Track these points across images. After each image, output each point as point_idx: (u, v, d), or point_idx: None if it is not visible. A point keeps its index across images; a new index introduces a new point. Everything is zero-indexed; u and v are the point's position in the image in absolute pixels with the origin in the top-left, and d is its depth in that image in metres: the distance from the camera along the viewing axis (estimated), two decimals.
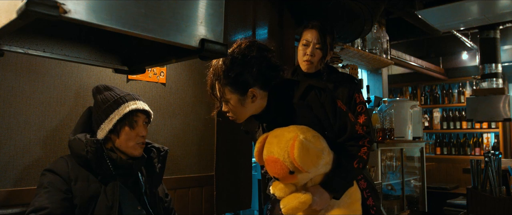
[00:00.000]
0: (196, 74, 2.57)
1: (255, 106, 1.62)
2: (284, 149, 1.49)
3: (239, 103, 1.58)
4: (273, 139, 1.55)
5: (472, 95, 4.55)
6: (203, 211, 2.53)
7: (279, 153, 1.50)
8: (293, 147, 1.46)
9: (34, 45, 1.26)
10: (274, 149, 1.52)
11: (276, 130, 1.59)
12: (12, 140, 1.80)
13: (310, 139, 1.51)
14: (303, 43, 2.24)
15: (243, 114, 1.64)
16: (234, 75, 1.53)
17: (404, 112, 3.66)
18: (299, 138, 1.47)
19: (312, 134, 1.54)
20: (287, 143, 1.49)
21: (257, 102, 1.60)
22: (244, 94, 1.57)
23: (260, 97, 1.60)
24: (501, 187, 3.27)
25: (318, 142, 1.54)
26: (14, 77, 1.82)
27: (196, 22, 1.06)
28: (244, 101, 1.58)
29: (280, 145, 1.51)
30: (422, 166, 3.89)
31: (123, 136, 1.65)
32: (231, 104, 1.59)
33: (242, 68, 1.54)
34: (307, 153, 1.47)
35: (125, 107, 1.65)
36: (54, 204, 1.49)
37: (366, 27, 3.14)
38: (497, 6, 3.53)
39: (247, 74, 1.54)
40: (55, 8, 0.76)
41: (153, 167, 1.80)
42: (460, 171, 5.99)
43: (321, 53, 2.21)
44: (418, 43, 6.07)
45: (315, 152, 1.51)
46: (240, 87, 1.56)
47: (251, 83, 1.56)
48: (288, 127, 1.56)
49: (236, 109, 1.61)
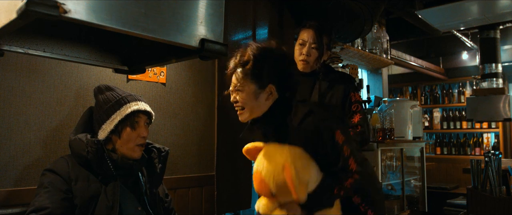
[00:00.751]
0: (196, 74, 2.57)
1: (266, 105, 1.59)
2: (271, 172, 1.51)
3: (253, 95, 1.56)
4: (265, 157, 1.57)
5: (472, 95, 4.54)
6: (203, 211, 2.53)
7: (266, 174, 1.52)
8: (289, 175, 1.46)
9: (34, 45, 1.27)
10: (263, 169, 1.54)
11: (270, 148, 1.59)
12: (12, 140, 1.80)
13: (299, 169, 1.50)
14: (299, 42, 2.25)
15: (253, 108, 1.59)
16: (262, 66, 1.53)
17: (404, 112, 3.65)
18: (291, 168, 1.47)
19: (301, 163, 1.52)
20: (276, 167, 1.50)
21: (270, 101, 1.59)
22: (263, 87, 1.56)
23: (273, 98, 1.59)
24: (501, 187, 3.27)
25: (306, 173, 1.53)
26: (14, 77, 1.82)
27: (196, 22, 1.06)
28: (259, 95, 1.56)
29: (269, 167, 1.52)
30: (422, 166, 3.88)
31: (125, 136, 1.65)
32: (244, 94, 1.56)
33: (272, 62, 1.55)
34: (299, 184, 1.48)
35: (126, 107, 1.65)
36: (55, 204, 1.49)
37: (366, 27, 3.13)
38: (497, 6, 3.52)
39: (274, 70, 1.55)
40: (55, 8, 0.77)
41: (153, 167, 1.79)
42: (460, 171, 5.98)
43: (317, 53, 2.22)
44: (418, 43, 6.07)
45: (300, 183, 1.50)
46: (262, 79, 1.55)
47: (274, 79, 1.56)
48: (282, 148, 1.55)
49: (248, 100, 1.57)
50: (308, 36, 2.22)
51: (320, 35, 2.21)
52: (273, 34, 2.83)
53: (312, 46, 2.21)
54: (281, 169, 1.48)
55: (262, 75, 1.54)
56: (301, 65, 2.24)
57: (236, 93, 1.60)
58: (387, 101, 3.56)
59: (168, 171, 2.20)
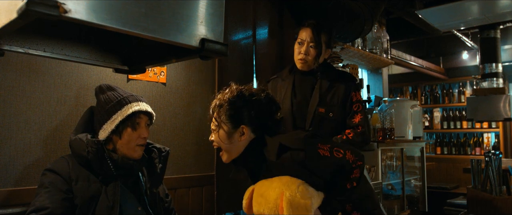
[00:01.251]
0: (196, 74, 2.57)
1: (241, 145, 1.64)
2: (273, 210, 1.51)
3: (226, 135, 1.63)
4: (260, 198, 1.57)
5: (472, 95, 4.54)
6: (204, 211, 2.53)
7: (269, 212, 1.52)
8: (282, 209, 1.47)
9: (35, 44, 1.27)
10: (264, 210, 1.54)
11: (261, 185, 1.60)
12: (13, 140, 1.80)
13: (295, 194, 1.49)
14: (298, 41, 2.26)
15: (228, 148, 1.66)
16: (235, 107, 1.61)
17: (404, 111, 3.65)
18: (285, 198, 1.47)
19: (297, 186, 1.51)
20: (275, 202, 1.50)
21: (243, 142, 1.64)
22: (235, 128, 1.62)
23: (247, 138, 1.64)
24: (501, 186, 3.27)
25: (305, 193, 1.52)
26: (14, 76, 1.82)
27: (196, 21, 1.06)
28: (232, 135, 1.62)
29: (269, 205, 1.52)
30: (422, 166, 3.88)
31: (125, 137, 1.65)
32: (220, 134, 1.63)
33: (245, 104, 1.62)
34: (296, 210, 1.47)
35: (128, 108, 1.65)
36: (55, 204, 1.49)
37: (366, 27, 3.13)
38: (498, 5, 3.52)
39: (246, 111, 1.62)
40: (55, 8, 0.77)
41: (154, 167, 1.79)
42: (460, 171, 5.98)
43: (315, 52, 2.22)
44: (418, 42, 6.07)
45: (303, 206, 1.50)
46: (235, 120, 1.61)
47: (246, 120, 1.62)
48: (271, 182, 1.56)
49: (221, 141, 1.64)
50: (306, 35, 2.23)
51: (318, 33, 2.22)
52: (273, 34, 2.83)
53: (310, 45, 2.22)
54: (280, 202, 1.49)
55: (235, 117, 1.61)
56: (300, 64, 2.25)
57: (213, 130, 1.68)
58: (387, 101, 3.56)
59: (169, 171, 2.20)
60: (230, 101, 1.62)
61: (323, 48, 2.24)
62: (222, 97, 1.65)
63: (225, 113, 1.62)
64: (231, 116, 1.62)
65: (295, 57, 2.27)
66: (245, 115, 1.62)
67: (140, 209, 1.69)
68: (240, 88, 1.66)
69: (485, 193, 3.31)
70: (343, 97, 2.21)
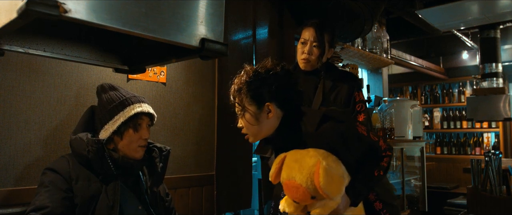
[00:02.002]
0: (196, 74, 2.57)
1: (270, 124, 1.62)
2: (306, 176, 1.48)
3: (254, 118, 1.60)
4: (293, 163, 1.54)
5: (472, 95, 4.54)
6: (204, 211, 2.53)
7: (301, 179, 1.49)
8: (317, 175, 1.45)
9: (35, 44, 1.27)
10: (295, 175, 1.51)
11: (295, 152, 1.57)
12: (13, 140, 1.80)
13: (331, 164, 1.50)
14: (301, 41, 2.25)
15: (257, 130, 1.63)
16: (254, 87, 1.58)
17: (404, 111, 3.65)
18: (322, 165, 1.46)
19: (332, 159, 1.53)
20: (310, 169, 1.48)
21: (272, 119, 1.62)
22: (260, 108, 1.59)
23: (276, 115, 1.62)
24: (501, 186, 3.27)
25: (339, 167, 1.53)
26: (14, 76, 1.82)
27: (196, 21, 1.06)
28: (259, 116, 1.60)
29: (303, 171, 1.49)
30: (422, 166, 3.88)
31: (127, 138, 1.65)
32: (247, 117, 1.61)
33: (263, 82, 1.59)
34: (332, 180, 1.47)
35: (130, 109, 1.64)
36: (55, 203, 1.49)
37: (366, 27, 3.13)
38: (497, 5, 3.52)
39: (266, 88, 1.59)
40: (56, 8, 0.77)
41: (154, 166, 1.79)
42: (460, 171, 5.98)
43: (318, 51, 2.21)
44: (418, 42, 6.07)
45: (338, 178, 1.50)
46: (258, 99, 1.59)
47: (269, 97, 1.59)
48: (307, 151, 1.54)
49: (251, 124, 1.61)
50: (309, 35, 2.22)
51: (321, 33, 2.21)
52: (273, 34, 2.83)
53: (314, 45, 2.21)
54: (316, 169, 1.47)
55: (256, 96, 1.59)
56: (303, 63, 2.24)
57: (240, 119, 1.66)
58: (387, 100, 3.56)
59: (169, 171, 2.20)
60: (248, 82, 1.59)
61: (326, 47, 2.23)
62: (239, 81, 1.62)
63: (246, 96, 1.59)
64: (253, 97, 1.59)
65: (298, 57, 2.27)
66: (266, 92, 1.59)
67: (140, 208, 1.69)
68: (254, 67, 1.63)
69: (485, 193, 3.31)
70: (346, 97, 2.21)
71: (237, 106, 1.64)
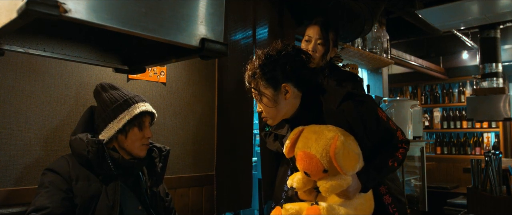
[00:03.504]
0: (196, 74, 2.57)
1: (289, 104, 1.62)
2: (323, 147, 1.47)
3: (273, 100, 1.59)
4: (311, 134, 1.52)
5: (472, 95, 4.54)
6: (204, 211, 2.53)
7: (317, 150, 1.48)
8: (334, 146, 1.44)
9: (35, 44, 1.27)
10: (311, 145, 1.50)
11: (314, 126, 1.56)
12: (13, 140, 1.80)
13: (349, 141, 1.51)
14: (305, 39, 2.24)
15: (277, 112, 1.63)
16: (268, 70, 1.58)
17: (404, 111, 3.65)
18: (340, 139, 1.46)
19: (351, 138, 1.53)
20: (328, 141, 1.47)
21: (290, 99, 1.61)
22: (277, 89, 1.59)
23: (293, 96, 1.61)
24: (501, 186, 3.26)
25: (356, 146, 1.54)
26: (14, 76, 1.82)
27: (196, 21, 1.06)
28: (277, 97, 1.59)
29: (320, 142, 1.48)
30: (422, 166, 3.88)
31: (131, 136, 1.66)
32: (265, 101, 1.61)
33: (276, 63, 1.58)
34: (347, 155, 1.46)
35: (135, 108, 1.66)
36: (55, 204, 1.49)
37: (366, 27, 3.13)
38: (498, 5, 3.52)
39: (280, 69, 1.58)
40: (56, 8, 0.77)
41: (154, 166, 1.80)
42: (460, 171, 5.98)
43: (323, 49, 2.21)
44: (419, 42, 6.07)
45: (354, 155, 1.50)
46: (273, 82, 1.58)
47: (284, 78, 1.59)
48: (327, 126, 1.54)
49: (270, 106, 1.61)
50: (313, 32, 2.21)
51: (326, 31, 2.21)
52: (273, 34, 2.83)
53: (318, 42, 2.20)
54: (333, 141, 1.46)
55: (272, 79, 1.58)
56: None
57: (259, 104, 1.65)
58: (387, 100, 3.56)
59: (169, 171, 2.20)
60: (261, 66, 1.59)
61: (330, 46, 2.23)
62: (252, 67, 1.62)
63: (261, 79, 1.59)
64: (268, 79, 1.58)
65: None
66: (280, 73, 1.58)
67: (140, 208, 1.69)
68: (265, 51, 1.63)
69: (485, 193, 3.31)
70: None
71: (253, 91, 1.64)
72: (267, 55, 1.60)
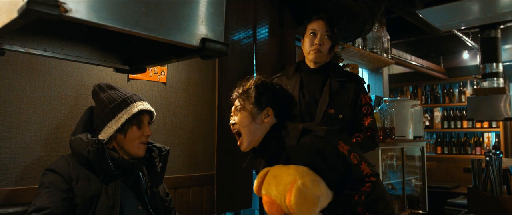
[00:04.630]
0: (196, 74, 2.57)
1: (263, 128, 1.69)
2: (281, 193, 1.51)
3: (250, 116, 1.67)
4: (272, 179, 1.57)
5: (473, 95, 4.54)
6: (204, 211, 2.53)
7: (276, 196, 1.53)
8: (290, 194, 1.47)
9: (35, 44, 1.27)
10: (272, 191, 1.55)
11: (276, 168, 1.61)
12: (13, 140, 1.80)
13: (308, 184, 1.50)
14: (309, 33, 2.21)
15: (249, 132, 1.68)
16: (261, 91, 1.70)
17: (404, 111, 3.65)
18: (297, 185, 1.47)
19: (310, 179, 1.52)
20: (285, 187, 1.50)
21: (266, 125, 1.69)
22: (260, 109, 1.68)
23: (270, 122, 1.70)
24: (501, 186, 3.26)
25: (317, 188, 1.52)
26: (14, 76, 1.82)
27: (197, 21, 1.06)
28: (257, 117, 1.68)
29: (278, 188, 1.52)
30: (422, 166, 3.88)
31: (130, 135, 1.66)
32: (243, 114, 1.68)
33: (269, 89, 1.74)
34: (304, 200, 1.48)
35: (133, 107, 1.66)
36: (55, 204, 1.49)
37: (366, 27, 3.13)
38: (498, 5, 3.52)
39: (271, 94, 1.72)
40: (56, 7, 0.77)
41: (154, 166, 1.80)
42: (460, 171, 5.98)
43: (330, 42, 2.19)
44: (419, 42, 6.06)
45: (312, 199, 1.50)
46: (260, 102, 1.69)
47: (270, 103, 1.70)
48: (288, 168, 1.57)
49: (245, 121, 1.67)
50: (319, 26, 2.19)
51: (331, 25, 2.19)
52: (274, 34, 2.83)
53: (325, 35, 2.18)
54: (290, 188, 1.48)
55: (261, 99, 1.69)
56: (313, 54, 2.19)
57: (235, 113, 1.72)
58: (387, 100, 3.55)
59: (169, 170, 2.20)
60: (256, 85, 1.72)
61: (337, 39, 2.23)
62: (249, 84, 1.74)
63: (252, 97, 1.69)
64: (257, 98, 1.69)
65: (307, 49, 2.21)
66: (270, 98, 1.71)
67: (140, 208, 1.69)
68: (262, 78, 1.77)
69: (486, 192, 3.31)
70: (353, 99, 2.17)
71: (236, 104, 1.72)
72: (263, 80, 1.75)
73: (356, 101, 2.17)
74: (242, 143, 1.70)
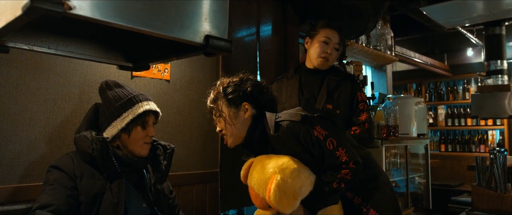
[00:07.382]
0: (200, 71, 2.57)
1: (247, 123, 1.74)
2: (262, 187, 1.57)
3: (233, 117, 1.72)
4: (255, 172, 1.63)
5: (477, 92, 4.51)
6: (207, 208, 2.54)
7: (258, 189, 1.59)
8: (269, 190, 1.51)
9: (39, 41, 1.27)
10: (254, 184, 1.61)
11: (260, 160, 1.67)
12: (18, 137, 1.81)
13: (287, 179, 1.52)
14: (323, 40, 2.30)
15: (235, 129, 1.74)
16: (230, 91, 1.74)
17: (408, 109, 3.63)
18: (276, 181, 1.51)
19: (290, 171, 1.54)
20: (266, 181, 1.55)
21: (248, 119, 1.74)
22: (238, 107, 1.74)
23: (251, 115, 1.74)
24: (506, 184, 3.25)
25: (297, 180, 1.54)
26: (19, 73, 1.83)
27: (200, 18, 1.05)
28: (237, 115, 1.73)
29: (260, 182, 1.58)
30: (426, 163, 3.86)
31: (134, 135, 1.66)
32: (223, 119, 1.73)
33: (238, 86, 1.76)
34: (283, 195, 1.51)
35: (139, 107, 1.66)
36: (60, 201, 1.50)
37: (370, 24, 3.12)
38: (503, 2, 3.49)
39: (241, 90, 1.75)
40: (60, 5, 0.76)
41: (158, 164, 1.80)
42: (464, 168, 5.96)
43: (337, 54, 2.35)
44: (423, 39, 6.04)
45: (291, 193, 1.53)
46: (234, 101, 1.73)
47: (245, 98, 1.74)
48: (270, 160, 1.61)
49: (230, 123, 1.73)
50: (333, 36, 2.30)
51: (342, 38, 2.33)
52: (277, 31, 2.82)
53: (336, 47, 2.31)
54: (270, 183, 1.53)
55: (233, 99, 1.74)
56: (321, 61, 2.31)
57: (217, 121, 1.78)
58: (391, 98, 3.54)
59: (173, 168, 2.20)
60: (225, 88, 1.76)
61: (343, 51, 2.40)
62: (216, 91, 1.78)
63: (224, 99, 1.74)
64: (230, 99, 1.73)
65: (317, 54, 2.31)
66: (242, 94, 1.74)
67: (144, 206, 1.70)
68: (226, 78, 1.82)
69: (490, 190, 3.30)
70: (350, 96, 2.31)
71: (214, 112, 1.77)
72: (230, 81, 1.79)
73: (352, 98, 2.31)
74: (228, 141, 1.78)
